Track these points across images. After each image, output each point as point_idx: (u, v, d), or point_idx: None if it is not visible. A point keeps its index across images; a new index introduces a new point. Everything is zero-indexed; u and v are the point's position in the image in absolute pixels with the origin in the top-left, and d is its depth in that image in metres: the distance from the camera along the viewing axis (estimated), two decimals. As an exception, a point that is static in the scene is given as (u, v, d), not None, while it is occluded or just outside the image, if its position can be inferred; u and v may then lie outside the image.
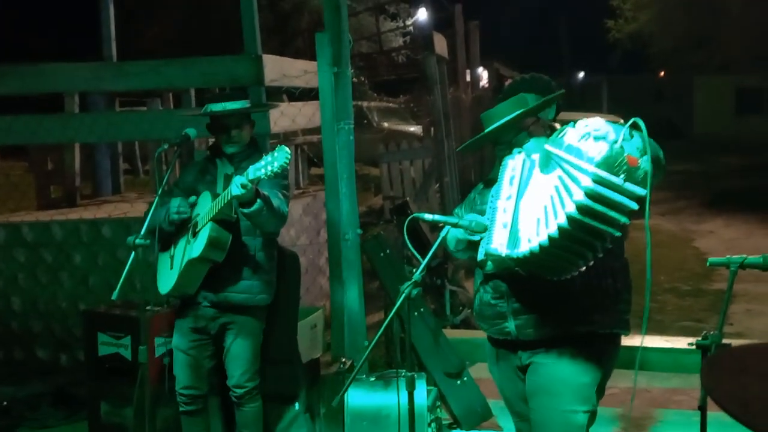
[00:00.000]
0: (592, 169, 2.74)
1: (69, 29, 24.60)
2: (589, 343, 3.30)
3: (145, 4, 23.03)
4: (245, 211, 4.10)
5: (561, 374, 3.32)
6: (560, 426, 3.30)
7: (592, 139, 2.79)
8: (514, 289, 3.36)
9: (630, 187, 2.75)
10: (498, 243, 3.15)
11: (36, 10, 24.51)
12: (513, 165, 3.26)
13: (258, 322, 4.55)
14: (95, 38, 9.79)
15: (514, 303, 3.36)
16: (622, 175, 2.74)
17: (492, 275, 3.42)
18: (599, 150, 2.75)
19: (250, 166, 3.93)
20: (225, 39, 19.57)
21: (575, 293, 3.23)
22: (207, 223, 4.23)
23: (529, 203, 3.08)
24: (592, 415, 3.36)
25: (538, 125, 3.42)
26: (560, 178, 2.88)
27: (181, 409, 4.59)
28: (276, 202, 4.23)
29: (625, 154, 2.75)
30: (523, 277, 3.22)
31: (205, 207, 4.30)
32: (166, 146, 4.57)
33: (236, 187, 3.96)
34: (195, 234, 4.32)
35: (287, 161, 3.87)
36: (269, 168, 3.86)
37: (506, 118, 3.33)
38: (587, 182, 2.74)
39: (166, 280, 4.47)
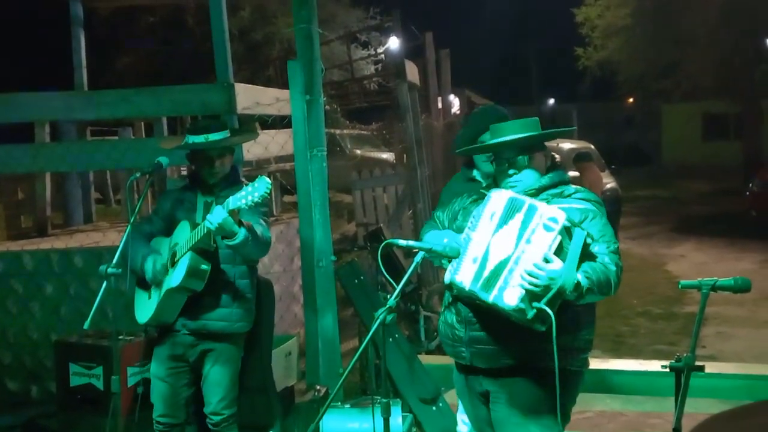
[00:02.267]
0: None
1: (40, 57, 24.48)
2: (544, 376, 3.30)
3: (116, 35, 22.98)
4: (229, 243, 4.07)
5: (519, 405, 3.37)
6: None
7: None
8: (474, 317, 3.41)
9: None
10: (464, 275, 3.24)
11: (6, 38, 24.38)
12: (497, 199, 3.30)
13: (237, 349, 4.52)
14: (66, 67, 9.75)
15: (472, 330, 3.41)
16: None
17: (457, 298, 3.48)
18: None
19: (231, 197, 3.92)
20: (196, 69, 19.60)
21: (533, 330, 3.22)
22: (186, 252, 4.21)
23: (500, 246, 3.20)
24: None
25: (540, 154, 3.48)
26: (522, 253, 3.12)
27: (156, 438, 4.55)
28: (259, 229, 4.22)
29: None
30: (484, 307, 3.29)
31: (184, 236, 4.27)
32: (138, 175, 4.55)
33: (217, 217, 3.93)
34: (174, 263, 4.29)
35: (268, 191, 3.86)
36: (249, 198, 3.85)
37: (528, 133, 3.39)
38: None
39: (145, 309, 4.44)
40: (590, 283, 3.10)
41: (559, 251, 3.11)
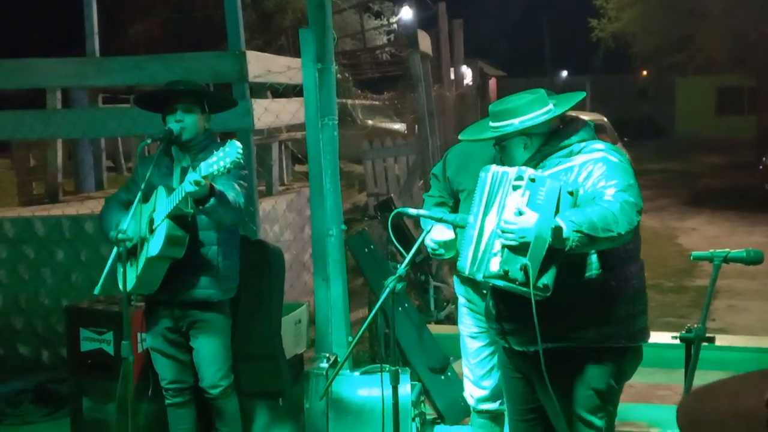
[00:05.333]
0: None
1: (52, 24, 24.45)
2: (580, 355, 3.20)
3: (128, 2, 22.92)
4: (200, 207, 4.01)
5: (558, 387, 3.22)
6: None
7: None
8: (501, 302, 3.31)
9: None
10: (464, 260, 3.14)
11: (19, 5, 24.35)
12: (485, 178, 3.17)
13: (225, 317, 4.48)
14: (78, 34, 9.73)
15: (503, 315, 3.31)
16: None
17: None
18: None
19: (203, 162, 3.87)
20: (208, 38, 19.53)
21: (561, 307, 3.11)
22: (163, 220, 4.15)
23: (490, 224, 3.09)
24: (609, 418, 3.32)
25: (554, 120, 3.29)
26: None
27: (167, 401, 4.56)
28: (231, 195, 4.13)
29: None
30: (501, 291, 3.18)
31: (161, 202, 4.21)
32: (149, 141, 4.53)
33: (189, 185, 3.88)
34: (152, 231, 4.22)
35: (239, 156, 3.80)
36: (221, 164, 3.79)
37: (540, 118, 3.20)
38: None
39: (127, 278, 4.41)
40: (577, 226, 2.88)
41: (534, 204, 2.96)
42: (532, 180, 2.98)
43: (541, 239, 2.88)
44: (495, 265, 2.99)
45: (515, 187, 3.00)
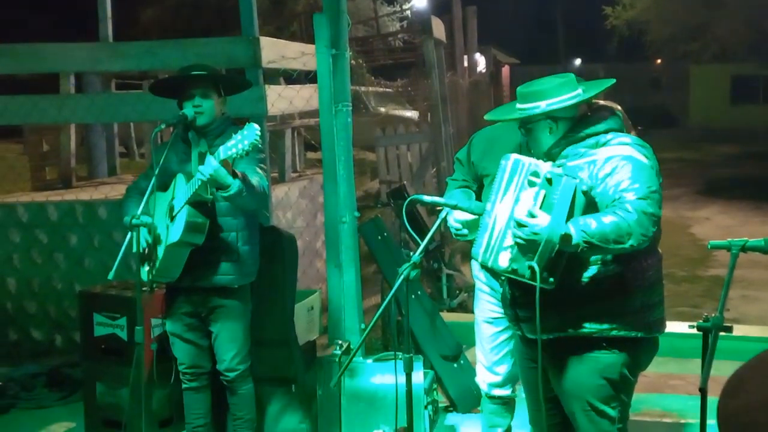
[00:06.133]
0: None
1: (65, 9, 24.47)
2: (591, 344, 3.17)
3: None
4: (224, 194, 3.99)
5: (571, 376, 3.23)
6: (587, 423, 3.27)
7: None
8: (515, 290, 3.29)
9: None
10: (478, 247, 3.15)
11: (31, -9, 24.38)
12: (504, 165, 3.15)
13: (244, 304, 4.50)
14: (91, 19, 9.71)
15: (516, 302, 3.30)
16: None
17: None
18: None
19: (221, 146, 3.86)
20: (221, 24, 19.51)
21: (575, 297, 3.11)
22: (183, 206, 4.15)
23: (503, 213, 3.09)
24: (623, 408, 3.30)
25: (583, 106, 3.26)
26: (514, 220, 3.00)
27: (184, 386, 4.59)
28: (255, 179, 4.13)
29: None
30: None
31: (181, 189, 4.21)
32: (163, 126, 4.53)
33: (209, 169, 3.87)
34: (172, 218, 4.22)
35: (257, 138, 3.80)
36: (240, 146, 3.79)
37: (567, 102, 3.15)
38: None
39: (144, 266, 4.41)
40: (587, 236, 2.87)
41: (548, 204, 2.95)
42: (549, 181, 2.96)
43: (551, 243, 2.89)
44: (504, 261, 3.04)
45: (531, 183, 2.99)
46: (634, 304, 3.18)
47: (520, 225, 2.93)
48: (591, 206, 3.03)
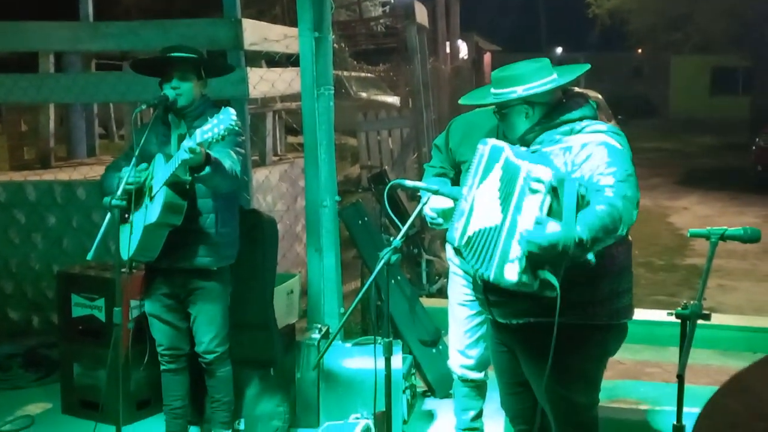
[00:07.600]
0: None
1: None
2: (559, 331, 3.07)
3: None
4: (196, 175, 4.00)
5: (541, 361, 3.16)
6: (557, 407, 3.30)
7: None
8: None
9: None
10: (454, 232, 3.13)
11: (11, -31, 24.07)
12: (482, 151, 3.14)
13: (223, 286, 4.48)
14: (71, -1, 9.61)
15: (487, 287, 3.23)
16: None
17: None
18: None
19: (197, 129, 3.86)
20: (200, 6, 19.35)
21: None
22: (162, 187, 4.13)
23: (485, 204, 3.04)
24: (592, 394, 3.33)
25: (556, 90, 3.24)
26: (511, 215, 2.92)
27: (162, 368, 4.57)
28: (228, 163, 4.11)
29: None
30: None
31: (159, 170, 4.20)
32: (143, 107, 4.49)
33: (184, 152, 3.87)
34: (151, 198, 4.22)
35: (233, 123, 3.80)
36: (215, 131, 3.79)
37: (543, 87, 3.14)
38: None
39: (122, 244, 4.40)
40: (593, 233, 2.84)
41: (551, 210, 2.89)
42: (553, 188, 2.88)
43: (566, 251, 2.82)
44: (512, 274, 2.88)
45: (533, 191, 2.88)
46: (603, 291, 3.18)
47: (532, 236, 2.81)
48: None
